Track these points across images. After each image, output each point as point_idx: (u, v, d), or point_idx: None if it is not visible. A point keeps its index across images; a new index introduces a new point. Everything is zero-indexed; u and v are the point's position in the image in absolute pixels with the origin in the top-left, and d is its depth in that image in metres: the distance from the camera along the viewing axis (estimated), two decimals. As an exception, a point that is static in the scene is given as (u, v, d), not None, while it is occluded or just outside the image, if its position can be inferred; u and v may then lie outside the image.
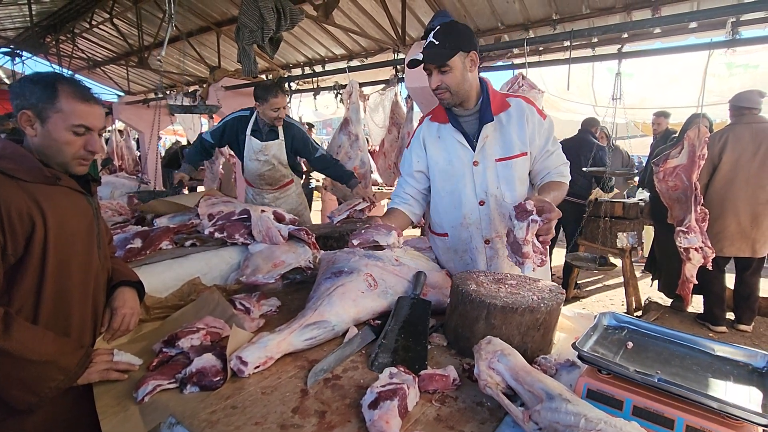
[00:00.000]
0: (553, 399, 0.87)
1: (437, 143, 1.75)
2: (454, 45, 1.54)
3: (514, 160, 1.65)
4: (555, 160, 1.70)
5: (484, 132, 1.65)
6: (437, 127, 1.76)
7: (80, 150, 1.18)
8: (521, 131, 1.64)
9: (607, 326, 1.20)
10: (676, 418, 0.86)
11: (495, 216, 1.71)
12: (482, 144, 1.66)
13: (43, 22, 7.02)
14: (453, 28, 1.56)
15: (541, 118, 1.68)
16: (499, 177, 1.67)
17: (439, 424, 0.97)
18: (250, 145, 3.03)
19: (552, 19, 4.06)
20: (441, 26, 1.55)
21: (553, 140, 1.70)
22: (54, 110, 1.12)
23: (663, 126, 5.06)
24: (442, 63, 1.54)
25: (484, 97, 1.66)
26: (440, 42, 1.53)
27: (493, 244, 1.74)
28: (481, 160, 1.67)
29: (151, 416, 1.02)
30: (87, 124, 1.16)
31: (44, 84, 1.12)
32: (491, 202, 1.69)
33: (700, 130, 2.91)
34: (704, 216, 2.96)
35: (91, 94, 1.20)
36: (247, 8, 3.36)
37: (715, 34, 3.37)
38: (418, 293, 1.52)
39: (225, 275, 1.88)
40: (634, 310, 4.14)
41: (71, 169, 1.19)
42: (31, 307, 1.12)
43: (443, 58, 1.54)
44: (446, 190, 1.76)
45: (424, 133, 1.80)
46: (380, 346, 1.26)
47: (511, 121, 1.65)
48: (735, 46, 2.71)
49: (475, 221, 1.73)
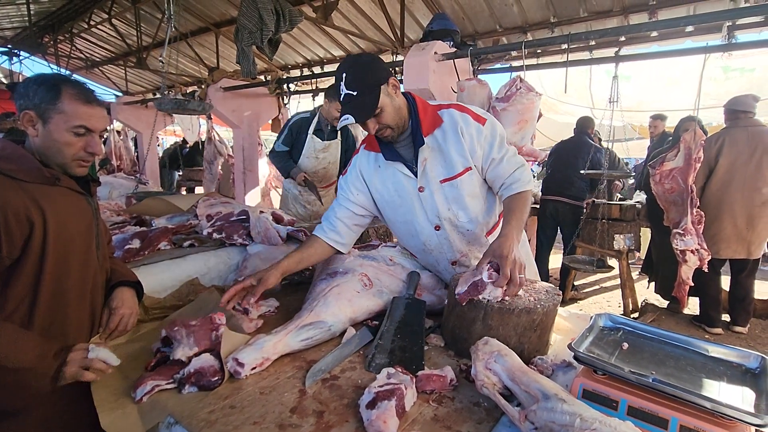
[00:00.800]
0: (549, 399, 0.88)
1: (378, 173, 1.60)
2: (372, 85, 1.38)
3: (459, 179, 1.52)
4: (506, 167, 1.51)
5: (421, 156, 1.51)
6: (374, 156, 1.61)
7: (80, 151, 1.18)
8: (459, 146, 1.50)
9: (602, 327, 1.21)
10: (671, 418, 0.87)
11: (454, 238, 1.60)
12: (422, 168, 1.52)
13: (42, 21, 7.00)
14: (360, 68, 1.40)
15: (479, 124, 1.51)
16: (447, 199, 1.54)
17: (436, 424, 0.98)
18: (311, 143, 3.15)
19: (550, 22, 4.09)
20: (347, 72, 1.38)
21: (498, 145, 1.52)
22: (56, 111, 1.12)
23: (660, 129, 5.09)
24: (370, 115, 1.40)
25: (413, 119, 1.51)
26: (358, 90, 1.36)
27: (460, 263, 1.65)
28: (425, 185, 1.53)
29: (150, 416, 1.02)
30: (88, 125, 1.16)
31: (48, 85, 1.13)
32: (446, 226, 1.58)
33: (696, 133, 2.93)
34: (700, 218, 2.97)
35: (94, 96, 1.20)
36: (246, 9, 3.38)
37: (712, 38, 3.41)
38: (412, 293, 1.52)
39: (224, 276, 1.89)
40: (630, 312, 4.16)
41: (71, 170, 1.20)
42: (27, 307, 1.12)
43: (372, 108, 1.38)
44: (399, 221, 1.65)
45: (361, 164, 1.64)
46: (377, 347, 1.27)
47: (447, 137, 1.51)
48: (731, 50, 2.73)
49: (436, 246, 1.63)
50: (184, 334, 1.18)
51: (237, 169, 5.26)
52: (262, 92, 5.03)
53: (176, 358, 1.15)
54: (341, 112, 1.40)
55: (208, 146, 5.90)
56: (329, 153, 3.22)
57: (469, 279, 1.27)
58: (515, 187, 1.49)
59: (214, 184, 5.96)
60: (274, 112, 5.35)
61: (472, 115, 1.52)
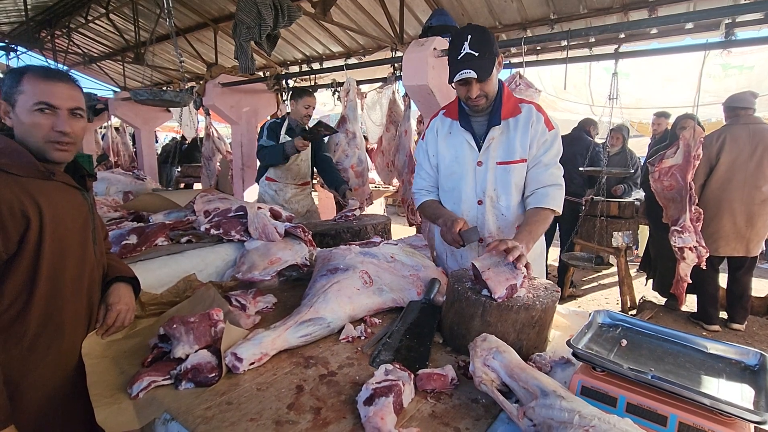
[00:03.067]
0: (548, 396, 0.87)
1: (447, 139, 1.76)
2: (492, 53, 1.51)
3: (513, 166, 1.66)
4: (546, 177, 1.65)
5: (491, 134, 1.66)
6: (449, 123, 1.76)
7: (50, 131, 1.12)
8: (524, 137, 1.64)
9: (601, 324, 1.21)
10: (669, 415, 0.86)
11: (489, 217, 1.73)
12: (488, 145, 1.67)
13: (39, 16, 6.95)
14: (486, 35, 1.52)
15: (546, 128, 1.66)
16: (497, 179, 1.68)
17: (434, 421, 0.97)
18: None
19: (549, 18, 4.07)
20: (473, 34, 1.50)
21: (552, 155, 1.66)
22: (18, 93, 1.11)
23: (663, 127, 5.07)
24: (489, 76, 1.52)
25: (497, 100, 1.65)
26: (479, 53, 1.49)
27: (485, 243, 1.73)
28: (484, 161, 1.68)
29: (146, 412, 1.01)
30: (48, 101, 1.11)
31: (14, 71, 1.13)
32: (487, 203, 1.72)
33: (695, 131, 2.93)
34: (699, 215, 2.97)
35: (56, 72, 1.15)
36: (244, 5, 3.35)
37: (711, 35, 3.40)
38: (430, 298, 1.52)
39: (221, 272, 1.88)
40: (628, 309, 4.16)
41: (48, 155, 1.14)
42: (23, 302, 1.11)
43: (490, 70, 1.51)
44: (448, 186, 1.79)
45: (437, 127, 1.80)
46: (384, 345, 1.27)
47: (518, 126, 1.65)
48: (730, 47, 2.72)
49: (472, 219, 1.74)
50: (183, 332, 1.17)
51: (235, 166, 5.25)
52: (261, 88, 5.01)
53: (177, 356, 1.14)
54: (457, 68, 1.51)
55: (207, 142, 5.88)
56: (302, 153, 3.28)
57: (502, 281, 1.24)
58: (544, 201, 1.62)
59: (212, 180, 5.94)
60: (273, 108, 5.34)
61: (545, 118, 1.68)
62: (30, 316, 1.12)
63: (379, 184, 6.30)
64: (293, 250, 1.88)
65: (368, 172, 4.02)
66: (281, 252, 1.84)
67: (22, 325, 1.12)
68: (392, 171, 4.46)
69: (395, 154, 4.11)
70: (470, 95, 1.57)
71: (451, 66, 1.56)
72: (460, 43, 1.51)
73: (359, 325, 1.40)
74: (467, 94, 1.59)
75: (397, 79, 4.09)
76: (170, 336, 1.19)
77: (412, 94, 3.16)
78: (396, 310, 1.55)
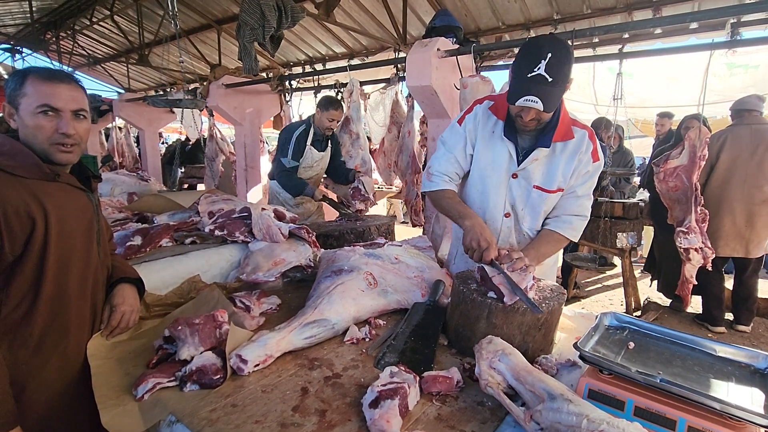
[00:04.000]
0: (555, 399, 0.87)
1: (489, 139, 1.60)
2: (566, 80, 1.35)
3: (548, 195, 1.57)
4: (574, 207, 1.58)
5: (535, 154, 1.53)
6: (494, 122, 1.60)
7: (53, 134, 1.12)
8: (567, 166, 1.53)
9: (608, 326, 1.20)
10: (678, 419, 0.86)
11: (511, 231, 1.65)
12: (529, 164, 1.54)
13: (44, 18, 6.99)
14: (567, 58, 1.34)
15: (592, 159, 1.55)
16: (527, 200, 1.59)
17: (439, 424, 0.97)
18: (310, 155, 3.25)
19: (553, 19, 4.05)
20: (553, 53, 1.30)
21: (587, 186, 1.58)
22: (21, 95, 1.11)
23: (666, 127, 5.05)
24: (556, 106, 1.39)
25: (551, 122, 1.50)
26: (553, 78, 1.30)
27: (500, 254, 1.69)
28: (520, 176, 1.57)
29: (151, 414, 1.01)
30: (51, 103, 1.10)
31: (17, 74, 1.12)
32: (513, 218, 1.63)
33: (700, 131, 2.91)
34: (704, 217, 2.95)
35: (58, 74, 1.14)
36: (248, 6, 3.36)
37: (716, 35, 3.37)
38: (435, 299, 1.52)
39: (225, 273, 1.88)
40: (633, 310, 4.14)
41: (52, 156, 1.14)
42: (29, 303, 1.12)
43: (557, 101, 1.37)
44: (478, 188, 1.66)
45: (481, 119, 1.62)
46: (389, 347, 1.26)
47: (565, 152, 1.53)
48: (736, 47, 2.70)
49: (495, 229, 1.64)
50: (188, 333, 1.17)
51: (239, 166, 5.26)
52: (264, 89, 5.02)
53: (182, 358, 1.14)
54: (523, 89, 1.32)
55: (210, 143, 5.90)
56: (322, 161, 3.36)
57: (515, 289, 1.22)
58: (563, 229, 1.57)
59: (216, 181, 5.95)
60: (276, 109, 5.34)
61: (594, 148, 1.56)
62: (36, 318, 1.13)
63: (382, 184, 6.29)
64: (297, 251, 1.88)
65: (372, 172, 4.02)
66: (285, 253, 1.84)
67: (28, 326, 1.12)
68: (394, 172, 4.45)
69: (398, 154, 4.10)
70: (522, 115, 1.42)
71: (515, 81, 1.37)
72: (536, 58, 1.30)
73: (364, 326, 1.40)
74: (520, 113, 1.43)
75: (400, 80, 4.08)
76: (175, 338, 1.19)
77: (416, 95, 3.16)
78: (400, 311, 1.54)
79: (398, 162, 4.11)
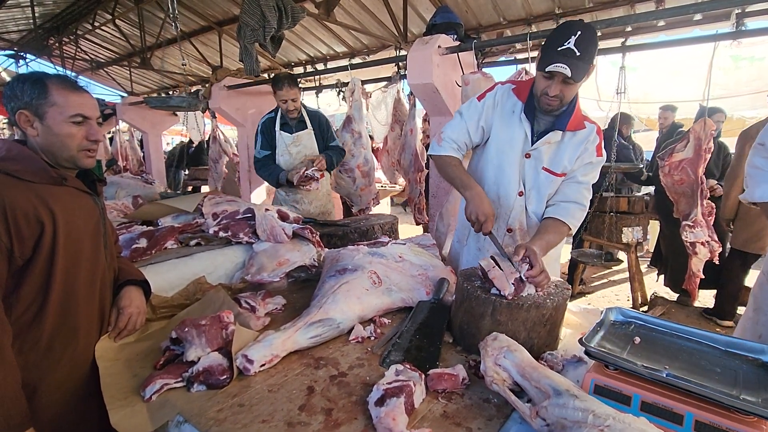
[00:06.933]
0: (561, 395, 0.86)
1: (508, 117, 1.67)
2: (592, 57, 1.44)
3: (554, 177, 1.64)
4: (573, 193, 1.64)
5: (549, 137, 1.61)
6: (514, 102, 1.67)
7: (83, 141, 1.18)
8: (573, 153, 1.62)
9: (614, 321, 1.19)
10: (686, 413, 0.85)
11: (521, 210, 1.71)
12: (542, 145, 1.62)
13: (47, 24, 7.04)
14: (594, 38, 1.44)
15: (596, 152, 1.63)
16: (536, 180, 1.66)
17: (445, 421, 0.97)
18: (281, 139, 3.11)
19: (554, 13, 4.03)
20: (582, 31, 1.40)
21: (587, 175, 1.65)
22: (49, 104, 1.13)
23: (670, 120, 5.01)
24: (580, 80, 1.46)
25: (569, 108, 1.59)
26: (581, 53, 1.39)
27: (513, 234, 1.74)
28: (533, 155, 1.65)
29: (159, 414, 1.02)
30: (83, 113, 1.17)
31: (33, 81, 1.13)
32: (524, 197, 1.69)
33: (705, 124, 2.89)
34: (711, 210, 2.93)
35: (78, 85, 1.20)
36: (248, 7, 3.36)
37: (720, 26, 3.34)
38: (439, 298, 1.52)
39: (230, 274, 1.89)
40: (639, 305, 4.12)
41: (79, 162, 1.20)
42: (38, 306, 1.13)
43: (584, 73, 1.45)
44: (494, 165, 1.71)
45: (501, 98, 1.70)
46: (394, 345, 1.27)
47: (573, 141, 1.62)
48: (741, 38, 2.67)
49: (506, 208, 1.71)
50: (194, 335, 1.18)
51: (242, 168, 5.27)
52: (266, 90, 5.02)
53: (189, 359, 1.15)
54: (553, 59, 1.42)
55: (213, 145, 5.92)
56: (302, 145, 3.13)
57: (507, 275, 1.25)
58: (563, 215, 1.60)
59: (220, 182, 5.98)
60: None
61: (599, 143, 1.65)
62: (45, 320, 1.14)
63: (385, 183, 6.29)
64: (301, 251, 1.89)
65: (375, 171, 4.02)
66: (289, 253, 1.85)
67: (38, 328, 1.13)
68: (397, 170, 4.45)
69: (401, 153, 4.10)
70: (548, 91, 1.49)
71: (545, 53, 1.46)
72: (566, 36, 1.41)
73: (369, 325, 1.40)
74: (546, 89, 1.50)
75: (402, 78, 4.08)
76: (182, 339, 1.20)
77: (418, 93, 3.15)
78: (405, 309, 1.54)
79: (401, 160, 4.11)
